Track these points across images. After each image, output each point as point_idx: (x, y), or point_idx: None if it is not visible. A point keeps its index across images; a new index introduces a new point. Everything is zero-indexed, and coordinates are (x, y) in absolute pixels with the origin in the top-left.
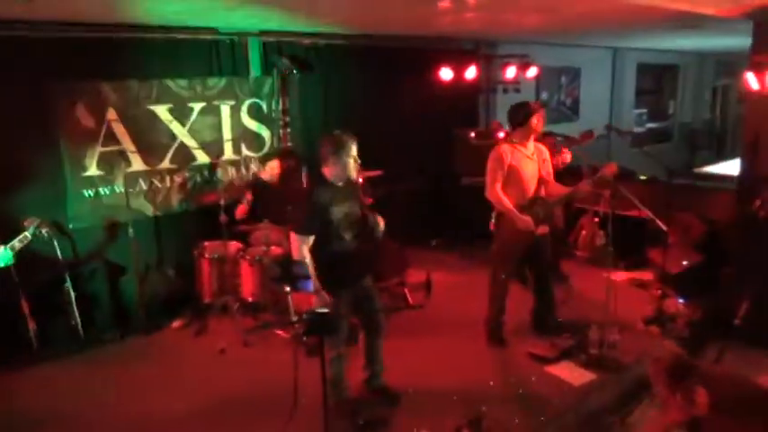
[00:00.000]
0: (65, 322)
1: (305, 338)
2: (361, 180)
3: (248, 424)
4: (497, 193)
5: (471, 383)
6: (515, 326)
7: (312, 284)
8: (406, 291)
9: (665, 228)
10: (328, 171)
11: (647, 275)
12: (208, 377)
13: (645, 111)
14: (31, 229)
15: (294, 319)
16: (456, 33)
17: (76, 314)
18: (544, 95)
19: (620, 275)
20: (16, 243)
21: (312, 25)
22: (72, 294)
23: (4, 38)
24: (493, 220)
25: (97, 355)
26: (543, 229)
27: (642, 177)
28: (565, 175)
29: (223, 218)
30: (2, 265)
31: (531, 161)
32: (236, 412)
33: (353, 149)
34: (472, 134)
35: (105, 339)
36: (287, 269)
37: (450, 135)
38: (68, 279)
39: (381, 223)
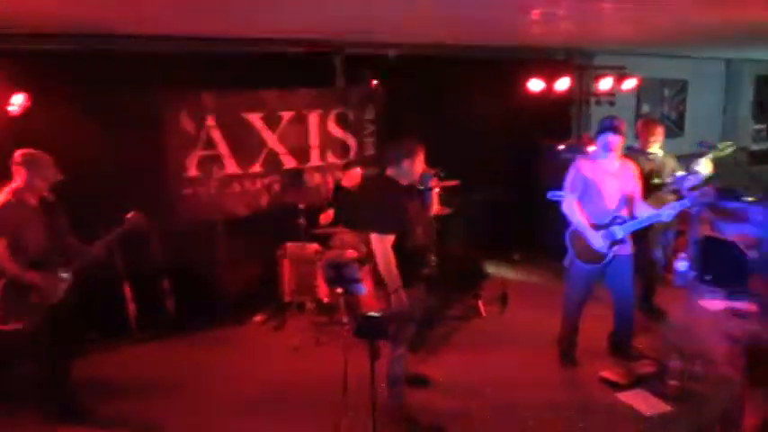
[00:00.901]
0: (161, 308)
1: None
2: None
3: (307, 416)
4: (571, 208)
5: (533, 401)
6: (592, 347)
7: (390, 284)
8: (479, 303)
9: (749, 254)
10: (397, 172)
11: (747, 305)
12: (280, 370)
13: (765, 127)
14: (133, 222)
15: (345, 320)
16: (547, 44)
17: (171, 302)
18: (645, 108)
19: (717, 304)
20: (112, 236)
21: (399, 37)
22: (168, 283)
23: (120, 52)
24: (567, 236)
25: (186, 341)
26: (623, 250)
27: (749, 199)
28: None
29: (302, 221)
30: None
31: (613, 178)
32: (298, 404)
33: (421, 154)
34: (561, 147)
35: (195, 327)
36: (339, 272)
37: (538, 147)
38: (166, 269)
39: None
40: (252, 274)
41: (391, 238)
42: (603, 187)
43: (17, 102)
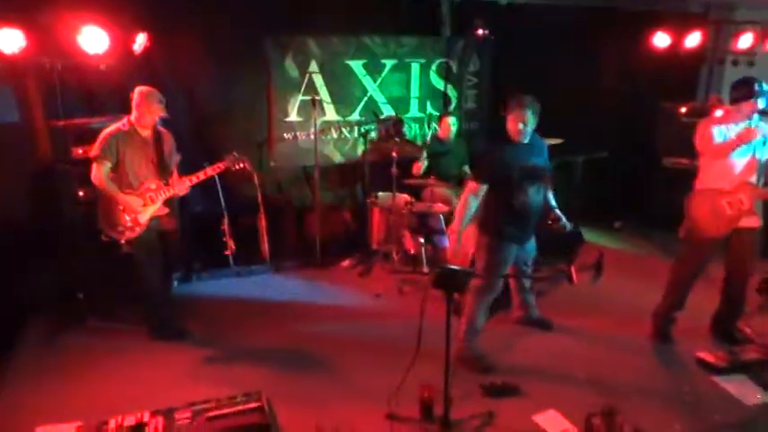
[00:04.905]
0: (255, 247)
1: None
2: None
3: (380, 357)
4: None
5: (618, 375)
6: (690, 326)
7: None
8: (572, 268)
9: None
10: (508, 128)
11: None
12: (362, 313)
13: None
14: (228, 161)
15: (426, 270)
16: None
17: (265, 241)
18: None
19: None
20: (209, 170)
21: None
22: (263, 224)
23: None
24: (687, 202)
25: (278, 279)
26: (749, 222)
27: None
28: None
29: (394, 171)
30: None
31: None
32: (375, 346)
33: (530, 113)
34: (683, 109)
35: (286, 266)
36: (423, 221)
37: (656, 109)
38: (262, 210)
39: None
40: (343, 219)
41: (482, 188)
42: (738, 151)
43: (139, 41)
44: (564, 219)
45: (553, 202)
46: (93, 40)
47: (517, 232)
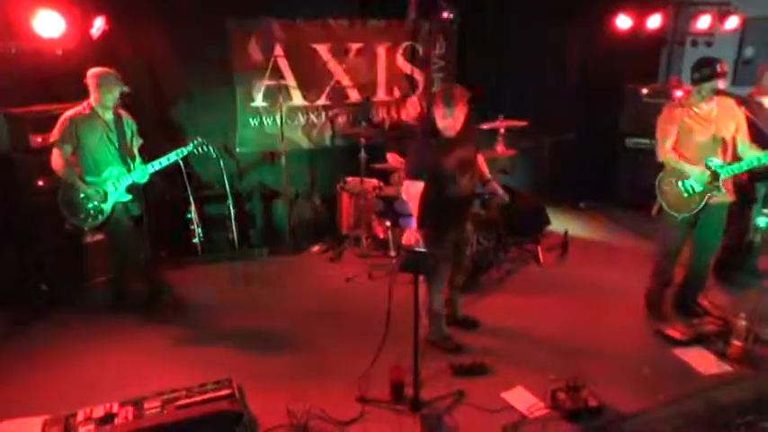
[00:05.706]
0: (224, 234)
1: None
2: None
3: (349, 344)
4: (666, 150)
5: (583, 351)
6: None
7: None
8: (538, 249)
9: None
10: (438, 122)
11: None
12: (332, 298)
13: None
14: (191, 146)
15: (393, 253)
16: None
17: (234, 228)
18: (749, 51)
19: None
20: (173, 155)
21: None
22: (232, 211)
23: None
24: (657, 183)
25: (247, 266)
26: (719, 198)
27: None
28: None
29: (362, 156)
30: (140, 182)
31: (708, 123)
32: (344, 332)
33: (458, 106)
34: (644, 90)
35: (256, 254)
36: (389, 205)
37: (619, 90)
38: (230, 196)
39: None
40: (313, 205)
41: (418, 183)
42: (696, 133)
43: (97, 25)
44: (500, 190)
45: (488, 175)
46: (49, 23)
47: (454, 219)
